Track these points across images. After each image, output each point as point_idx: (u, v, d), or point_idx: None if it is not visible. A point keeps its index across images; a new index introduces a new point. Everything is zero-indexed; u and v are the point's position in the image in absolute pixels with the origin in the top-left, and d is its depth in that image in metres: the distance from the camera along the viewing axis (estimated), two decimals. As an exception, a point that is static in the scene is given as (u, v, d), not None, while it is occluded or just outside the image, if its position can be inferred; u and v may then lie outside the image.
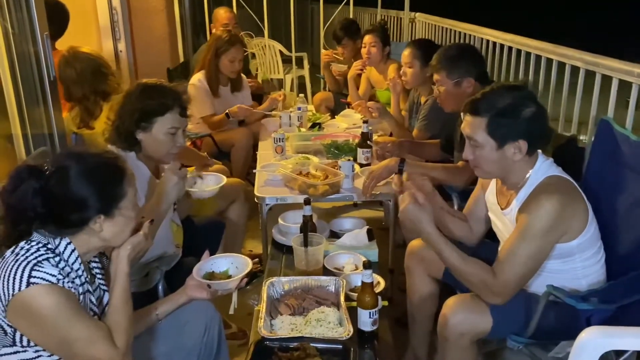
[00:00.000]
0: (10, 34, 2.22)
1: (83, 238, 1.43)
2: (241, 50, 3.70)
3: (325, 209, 3.70)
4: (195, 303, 1.75)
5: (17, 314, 1.31)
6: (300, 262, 2.04)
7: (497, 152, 1.76)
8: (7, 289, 1.30)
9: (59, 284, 1.32)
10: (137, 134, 1.99)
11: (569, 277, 1.81)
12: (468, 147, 1.83)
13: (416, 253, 2.16)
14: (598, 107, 2.59)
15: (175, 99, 2.02)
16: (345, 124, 3.58)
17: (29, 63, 2.32)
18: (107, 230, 1.43)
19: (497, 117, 1.74)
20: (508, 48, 3.52)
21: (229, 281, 1.73)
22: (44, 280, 1.30)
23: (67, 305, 1.32)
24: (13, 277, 1.30)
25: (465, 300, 1.81)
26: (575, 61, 2.75)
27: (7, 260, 1.34)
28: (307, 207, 2.14)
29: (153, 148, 2.02)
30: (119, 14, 3.79)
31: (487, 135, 1.75)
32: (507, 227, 1.85)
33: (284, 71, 5.94)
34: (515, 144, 1.74)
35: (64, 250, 1.40)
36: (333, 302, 1.80)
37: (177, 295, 1.73)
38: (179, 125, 2.03)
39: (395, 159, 2.50)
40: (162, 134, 2.00)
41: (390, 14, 5.71)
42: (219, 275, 1.80)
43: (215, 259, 1.84)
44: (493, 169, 1.82)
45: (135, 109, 1.98)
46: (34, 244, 1.37)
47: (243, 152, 3.65)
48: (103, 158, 1.47)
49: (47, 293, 1.30)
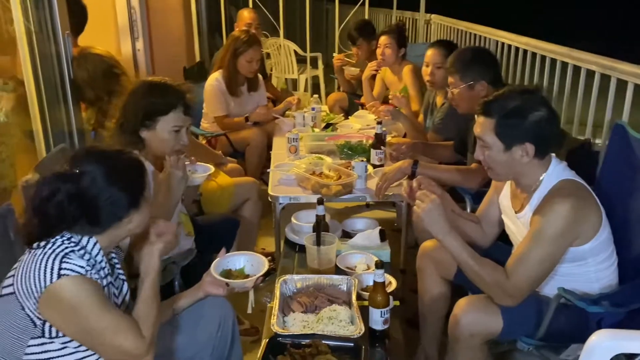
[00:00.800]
0: (33, 33, 2.28)
1: (110, 232, 1.46)
2: (259, 51, 3.73)
3: (337, 209, 3.72)
4: (211, 299, 1.78)
5: (49, 306, 1.35)
6: (312, 261, 2.06)
7: (504, 154, 1.78)
8: (39, 282, 1.33)
9: (87, 275, 1.36)
10: (141, 132, 2.01)
11: (581, 280, 1.81)
12: (479, 147, 1.85)
13: (428, 254, 2.17)
14: (613, 111, 2.59)
15: (179, 97, 2.03)
16: (359, 124, 3.60)
17: (51, 61, 2.38)
18: (135, 221, 1.49)
19: (505, 118, 1.75)
20: (523, 51, 3.52)
21: (246, 281, 1.77)
22: (73, 272, 1.34)
23: (96, 296, 1.37)
24: (44, 270, 1.34)
25: (477, 301, 1.83)
26: (590, 65, 2.75)
27: (35, 255, 1.38)
28: (320, 207, 2.16)
29: (157, 146, 2.04)
30: (137, 13, 3.84)
31: (495, 137, 1.77)
32: (521, 230, 1.86)
33: (298, 71, 5.97)
34: (522, 147, 1.75)
35: (86, 244, 1.44)
36: (345, 300, 1.82)
37: (194, 290, 1.77)
38: (183, 123, 2.04)
39: (408, 161, 2.51)
40: (166, 133, 2.01)
41: (406, 15, 5.71)
42: (235, 273, 1.83)
43: (232, 256, 1.87)
44: (503, 171, 1.84)
45: (139, 107, 2.00)
46: (57, 237, 1.41)
47: (257, 151, 3.68)
48: (124, 155, 1.51)
49: (77, 284, 1.34)
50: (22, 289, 1.35)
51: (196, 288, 1.77)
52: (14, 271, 1.40)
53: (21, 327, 1.38)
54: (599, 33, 9.98)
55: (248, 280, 1.77)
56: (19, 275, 1.37)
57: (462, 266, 1.82)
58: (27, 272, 1.35)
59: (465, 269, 1.81)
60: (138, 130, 2.00)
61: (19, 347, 1.39)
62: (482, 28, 4.22)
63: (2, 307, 1.39)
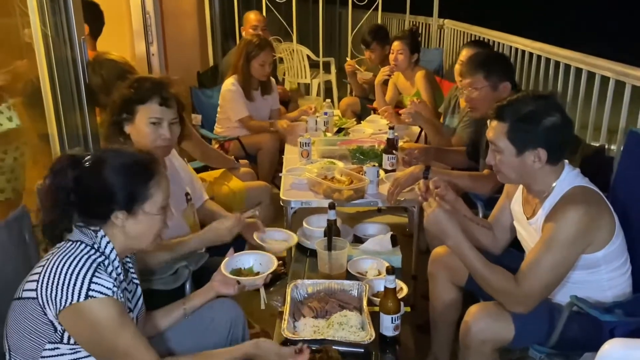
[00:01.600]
0: (50, 37, 2.31)
1: (112, 233, 1.47)
2: (270, 54, 3.76)
3: (348, 214, 3.71)
4: (221, 302, 1.79)
5: (70, 319, 1.36)
6: (323, 266, 2.07)
7: (516, 159, 1.77)
8: (65, 296, 1.33)
9: (114, 296, 1.37)
10: (125, 127, 2.00)
11: (594, 288, 1.80)
12: (491, 152, 1.85)
13: (440, 260, 2.16)
14: (628, 117, 2.57)
15: (155, 88, 1.99)
16: (371, 129, 3.60)
17: (66, 66, 2.40)
18: (131, 228, 1.47)
19: (518, 123, 1.75)
20: (537, 57, 3.50)
21: (256, 278, 1.80)
22: (101, 294, 1.35)
23: (120, 318, 1.38)
24: (73, 286, 1.34)
25: (488, 308, 1.82)
26: (604, 71, 2.73)
27: (61, 262, 1.38)
28: (331, 212, 2.17)
29: (138, 140, 2.00)
30: (152, 18, 3.88)
31: (507, 141, 1.77)
32: (532, 236, 1.85)
33: (311, 76, 5.98)
34: (534, 152, 1.74)
35: (105, 248, 1.45)
36: (355, 306, 1.82)
37: (204, 291, 1.78)
38: (161, 115, 1.99)
39: (420, 166, 2.51)
40: (144, 125, 1.98)
41: (419, 20, 5.70)
42: (245, 272, 1.86)
43: (240, 255, 1.90)
44: (513, 175, 1.83)
45: (118, 98, 2.00)
46: (82, 246, 1.42)
47: (270, 155, 3.70)
48: (137, 156, 1.51)
49: (104, 306, 1.35)
50: (46, 297, 1.35)
51: (207, 288, 1.78)
52: (36, 275, 1.39)
53: (41, 331, 1.39)
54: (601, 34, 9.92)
55: (258, 277, 1.80)
56: (43, 282, 1.36)
57: (472, 272, 1.82)
58: (53, 282, 1.35)
59: (475, 276, 1.80)
60: (121, 123, 1.99)
61: (37, 350, 1.40)
62: (495, 33, 4.21)
63: (22, 309, 1.40)
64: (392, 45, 3.84)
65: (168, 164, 2.17)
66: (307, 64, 5.94)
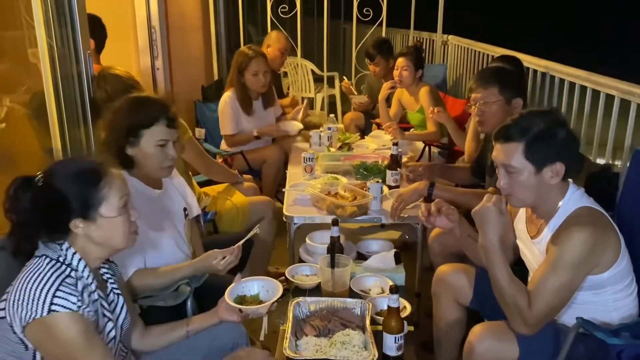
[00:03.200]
0: (55, 51, 2.32)
1: (77, 244, 1.46)
2: (262, 62, 3.67)
3: (351, 229, 3.70)
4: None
5: (36, 335, 1.36)
6: (326, 283, 2.05)
7: (535, 177, 1.74)
8: (28, 312, 1.33)
9: (79, 311, 1.36)
10: (127, 150, 1.96)
11: (600, 309, 1.78)
12: (502, 175, 1.79)
13: (444, 279, 2.14)
14: (633, 135, 2.55)
15: (161, 110, 1.97)
16: (375, 144, 3.59)
17: (71, 80, 2.41)
18: (94, 235, 1.46)
19: (535, 140, 1.72)
20: (542, 74, 3.50)
21: (260, 307, 1.77)
22: (65, 308, 1.34)
23: (86, 334, 1.37)
24: (36, 301, 1.33)
25: (492, 328, 1.80)
26: (610, 89, 2.72)
27: (25, 279, 1.38)
28: (334, 228, 2.15)
29: (145, 162, 1.98)
30: (157, 33, 3.90)
31: (525, 160, 1.73)
32: (536, 256, 1.83)
33: (315, 90, 6.00)
34: (553, 167, 1.72)
35: (71, 260, 1.45)
36: (358, 325, 1.80)
37: (209, 315, 1.77)
38: (168, 137, 1.97)
39: (424, 183, 2.50)
40: (152, 147, 1.95)
41: (423, 36, 5.72)
42: (249, 299, 1.83)
43: (246, 282, 1.87)
44: (527, 196, 1.79)
45: (122, 123, 1.96)
46: (46, 261, 1.42)
47: (273, 169, 3.69)
48: (83, 163, 1.50)
49: (68, 322, 1.35)
50: (12, 314, 1.36)
51: (211, 313, 1.77)
52: (6, 295, 1.39)
53: (16, 350, 1.39)
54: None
55: (262, 306, 1.76)
56: (10, 301, 1.37)
57: (493, 280, 1.76)
58: (18, 299, 1.35)
59: (496, 284, 1.75)
60: (124, 147, 1.95)
61: None
62: (500, 50, 4.21)
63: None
64: (396, 62, 3.84)
65: (166, 184, 2.15)
66: (312, 78, 5.96)
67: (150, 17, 3.89)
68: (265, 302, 1.79)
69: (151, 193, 2.03)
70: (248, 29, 5.59)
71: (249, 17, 5.84)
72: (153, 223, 1.98)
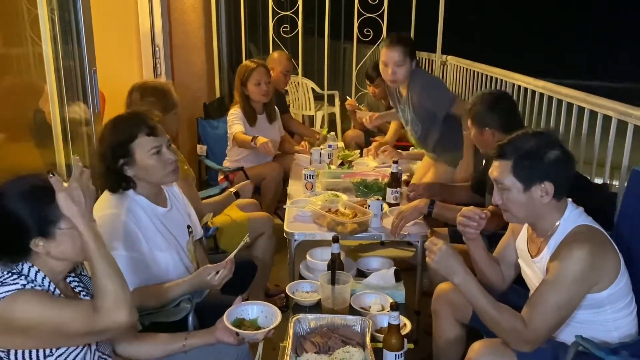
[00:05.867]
0: (62, 68, 2.35)
1: (40, 262, 1.43)
2: (264, 72, 3.72)
3: (351, 246, 3.71)
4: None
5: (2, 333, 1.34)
6: (327, 300, 2.06)
7: (524, 195, 1.78)
8: None
9: (27, 286, 1.35)
10: (127, 172, 1.94)
11: (600, 328, 1.79)
12: (496, 191, 1.85)
13: (444, 297, 2.15)
14: (630, 156, 2.58)
15: (137, 123, 1.94)
16: (375, 162, 3.62)
17: (77, 96, 2.44)
18: (55, 251, 1.42)
19: (522, 159, 1.77)
20: (539, 94, 3.54)
21: (257, 333, 1.77)
22: (10, 291, 1.33)
23: (43, 299, 1.35)
24: None
25: (492, 346, 1.80)
26: (607, 110, 2.76)
27: None
28: (335, 245, 2.17)
29: (149, 176, 1.96)
30: (161, 51, 3.95)
31: (513, 178, 1.78)
32: (537, 275, 1.85)
33: (315, 108, 6.05)
34: (541, 187, 1.76)
35: (28, 273, 1.42)
36: (359, 342, 1.81)
37: (206, 334, 1.77)
38: (157, 143, 1.95)
39: (425, 200, 2.52)
40: (148, 158, 1.93)
41: (422, 56, 5.78)
42: (247, 322, 1.83)
43: (246, 305, 1.87)
44: (521, 213, 1.83)
45: (107, 146, 1.93)
46: None
47: (273, 186, 3.70)
48: (34, 179, 1.43)
49: (17, 299, 1.33)
50: None
51: (208, 333, 1.77)
52: None
53: None
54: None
55: (259, 332, 1.77)
56: None
57: (478, 310, 1.80)
58: None
59: (482, 314, 1.79)
60: (121, 170, 1.93)
61: None
62: (498, 70, 4.26)
63: None
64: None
65: (170, 194, 2.16)
66: (312, 96, 6.01)
67: (154, 35, 3.94)
68: (263, 327, 1.80)
69: (158, 210, 2.04)
70: (249, 47, 5.65)
71: (251, 36, 5.91)
72: (159, 239, 2.00)
